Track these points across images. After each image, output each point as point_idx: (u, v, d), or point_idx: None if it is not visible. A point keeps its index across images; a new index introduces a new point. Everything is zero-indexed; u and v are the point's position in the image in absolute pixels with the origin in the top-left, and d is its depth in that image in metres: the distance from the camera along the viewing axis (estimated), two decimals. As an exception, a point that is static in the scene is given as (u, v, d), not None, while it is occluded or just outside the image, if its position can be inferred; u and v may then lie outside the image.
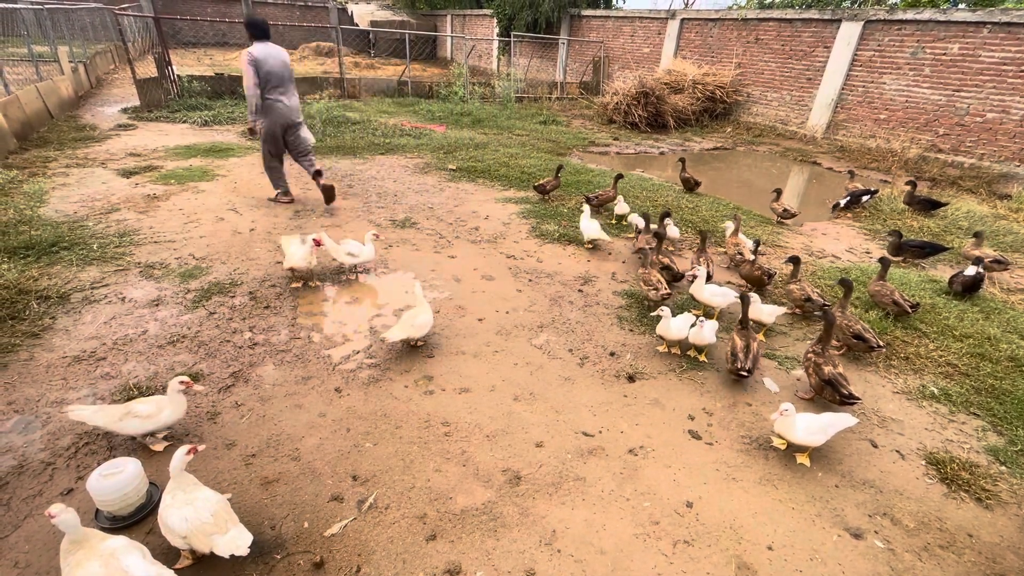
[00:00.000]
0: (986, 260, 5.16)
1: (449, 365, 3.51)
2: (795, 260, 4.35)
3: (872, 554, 2.39)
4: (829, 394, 3.14)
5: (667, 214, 5.33)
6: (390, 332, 3.44)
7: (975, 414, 3.36)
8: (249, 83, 5.36)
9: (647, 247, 4.61)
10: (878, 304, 4.39)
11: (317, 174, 6.00)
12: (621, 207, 6.05)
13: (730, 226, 5.41)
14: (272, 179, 6.15)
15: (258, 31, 5.53)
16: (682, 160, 7.57)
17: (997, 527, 2.58)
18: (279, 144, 5.91)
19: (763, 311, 3.94)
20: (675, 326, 3.64)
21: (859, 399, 3.11)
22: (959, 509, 2.66)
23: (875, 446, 3.05)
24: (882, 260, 4.44)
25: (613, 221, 6.20)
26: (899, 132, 10.47)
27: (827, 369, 3.15)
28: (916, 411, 3.38)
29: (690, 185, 7.42)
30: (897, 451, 3.03)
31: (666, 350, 3.82)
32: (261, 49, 5.41)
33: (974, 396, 3.50)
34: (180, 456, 2.12)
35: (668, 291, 4.14)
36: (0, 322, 3.49)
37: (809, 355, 3.30)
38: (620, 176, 6.59)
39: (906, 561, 2.36)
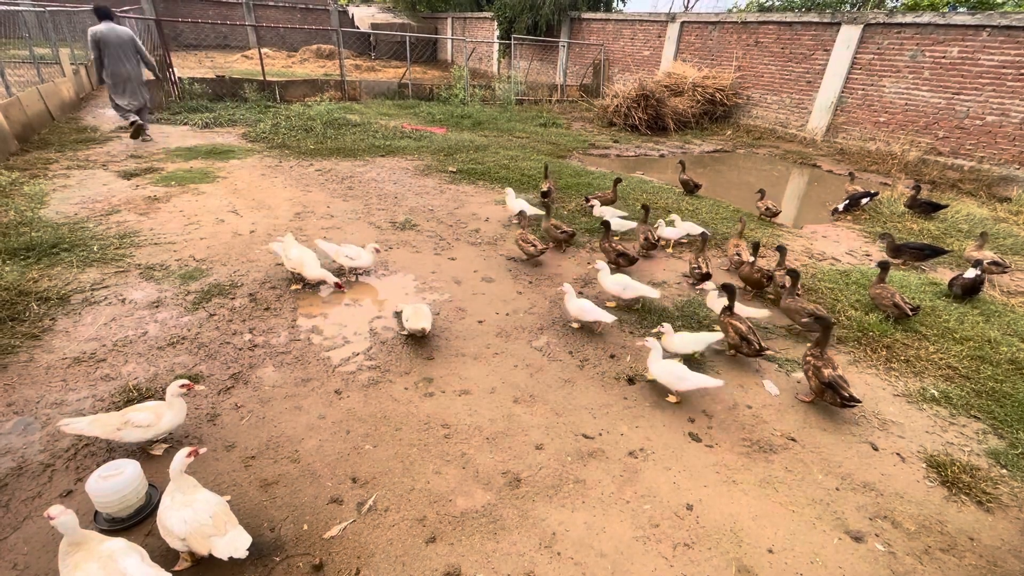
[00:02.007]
0: (985, 262, 5.16)
1: (449, 367, 3.50)
2: (794, 274, 4.11)
3: (873, 557, 2.38)
4: (830, 396, 3.15)
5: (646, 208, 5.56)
6: (422, 323, 3.57)
7: (976, 417, 3.36)
8: (90, 51, 7.82)
9: (522, 221, 5.17)
10: (879, 307, 4.39)
11: (136, 122, 8.16)
12: (598, 211, 6.11)
13: (676, 218, 5.75)
14: (119, 115, 8.48)
15: (100, 14, 7.79)
16: (682, 163, 7.59)
17: (998, 530, 2.57)
18: (119, 91, 8.10)
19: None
20: (579, 306, 3.90)
21: (859, 401, 3.12)
22: (960, 512, 2.66)
23: (875, 449, 3.05)
24: (881, 264, 4.45)
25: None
26: (899, 135, 10.49)
27: (827, 372, 3.16)
28: (917, 414, 3.37)
29: (689, 187, 7.42)
30: (898, 454, 3.03)
31: (578, 326, 4.06)
32: (102, 26, 7.73)
33: (975, 399, 3.50)
34: (180, 459, 2.11)
35: (544, 247, 4.89)
36: (0, 323, 3.49)
37: (808, 358, 3.31)
38: (619, 179, 6.60)
39: (907, 564, 2.36)
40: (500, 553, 2.27)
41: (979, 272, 4.69)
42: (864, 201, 7.15)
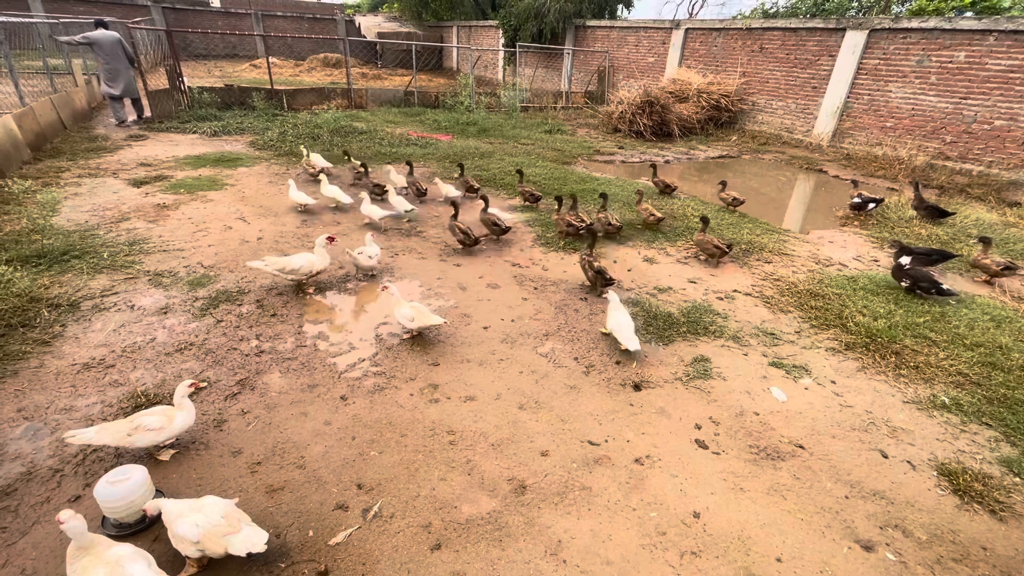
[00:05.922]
0: (995, 267, 5.14)
1: (454, 373, 3.51)
2: (605, 196, 6.14)
3: (883, 567, 2.35)
4: (601, 281, 4.49)
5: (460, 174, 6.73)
6: (432, 320, 3.72)
7: (987, 424, 3.31)
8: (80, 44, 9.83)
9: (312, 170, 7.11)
10: (703, 251, 5.40)
11: (123, 120, 10.19)
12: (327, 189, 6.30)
13: (391, 190, 6.45)
14: (113, 110, 10.23)
15: (97, 24, 9.84)
16: (653, 166, 8.11)
17: (1012, 540, 2.53)
18: (111, 80, 9.81)
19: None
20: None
21: (616, 280, 4.59)
22: (972, 521, 2.62)
23: (885, 456, 3.01)
24: (703, 218, 5.41)
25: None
26: (906, 140, 10.43)
27: (596, 264, 4.53)
28: (927, 421, 3.33)
29: (661, 188, 7.78)
30: (908, 462, 2.99)
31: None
32: (97, 32, 9.66)
33: (986, 406, 3.45)
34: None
35: (323, 167, 7.21)
36: (11, 329, 3.53)
37: (584, 257, 4.59)
38: (520, 171, 7.05)
39: (919, 574, 2.32)
40: (505, 561, 2.26)
41: (904, 258, 4.89)
42: (870, 206, 7.13)
